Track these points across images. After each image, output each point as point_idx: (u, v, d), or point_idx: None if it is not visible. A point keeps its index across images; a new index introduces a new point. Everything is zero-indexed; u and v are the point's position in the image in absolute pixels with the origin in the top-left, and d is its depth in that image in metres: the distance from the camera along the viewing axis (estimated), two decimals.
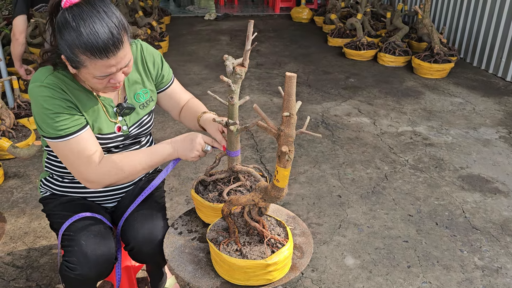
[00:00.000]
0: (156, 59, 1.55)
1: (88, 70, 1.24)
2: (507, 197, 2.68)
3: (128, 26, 1.28)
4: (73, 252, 1.36)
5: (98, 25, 1.18)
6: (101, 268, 1.38)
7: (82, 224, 1.43)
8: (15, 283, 2.01)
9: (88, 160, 1.34)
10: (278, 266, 1.22)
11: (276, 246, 1.26)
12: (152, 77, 1.54)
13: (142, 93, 1.52)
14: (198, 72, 4.91)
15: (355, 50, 5.28)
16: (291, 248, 1.26)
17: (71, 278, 1.36)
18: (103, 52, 1.19)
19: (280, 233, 1.32)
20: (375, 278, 2.06)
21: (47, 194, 1.60)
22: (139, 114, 1.52)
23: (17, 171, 2.93)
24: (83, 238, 1.38)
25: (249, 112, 3.82)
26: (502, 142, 3.36)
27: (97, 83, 1.29)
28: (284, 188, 1.13)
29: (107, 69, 1.24)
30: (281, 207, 1.60)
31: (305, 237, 1.45)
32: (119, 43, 1.21)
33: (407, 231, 2.38)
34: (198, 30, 6.84)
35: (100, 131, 1.42)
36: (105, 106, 1.44)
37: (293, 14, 7.54)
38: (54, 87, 1.31)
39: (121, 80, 1.32)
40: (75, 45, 1.19)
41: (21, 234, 2.33)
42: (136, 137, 1.55)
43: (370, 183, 2.81)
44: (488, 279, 2.06)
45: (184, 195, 2.67)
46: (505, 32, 4.63)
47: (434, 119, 3.74)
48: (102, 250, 1.38)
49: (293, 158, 1.08)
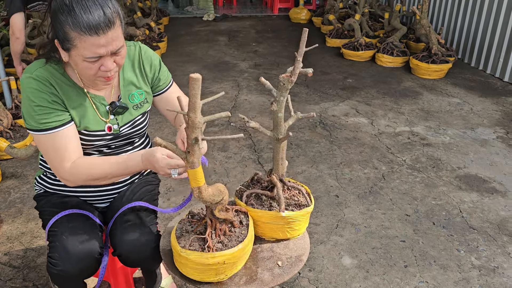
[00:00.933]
0: (154, 62, 1.55)
1: (78, 50, 1.25)
2: (504, 197, 2.68)
3: (122, 15, 1.31)
4: (55, 248, 1.37)
5: (90, 3, 1.23)
6: (84, 264, 1.37)
7: (67, 221, 1.43)
8: (12, 283, 2.00)
9: (64, 158, 1.35)
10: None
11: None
12: (149, 79, 1.54)
13: (137, 94, 1.51)
14: (196, 72, 4.90)
15: (353, 51, 5.28)
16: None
17: (55, 274, 1.37)
18: (92, 29, 1.21)
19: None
20: (372, 278, 2.06)
21: (41, 191, 1.61)
22: (132, 115, 1.51)
23: (14, 172, 2.93)
24: (66, 233, 1.39)
25: (247, 112, 3.83)
26: (500, 142, 3.36)
27: (88, 69, 1.29)
28: (201, 187, 1.13)
29: (97, 49, 1.24)
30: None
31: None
32: (110, 23, 1.23)
33: (404, 231, 2.38)
34: (197, 31, 6.85)
35: (87, 128, 1.41)
36: (95, 104, 1.43)
37: (291, 15, 7.55)
38: (41, 80, 1.32)
39: (112, 69, 1.31)
40: (67, 23, 1.22)
41: (18, 234, 2.33)
42: (129, 137, 1.54)
43: (368, 183, 2.81)
44: (485, 279, 2.06)
45: (181, 195, 2.67)
46: (502, 32, 4.64)
47: (432, 119, 3.75)
48: (84, 245, 1.37)
49: (199, 159, 1.09)
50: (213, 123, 3.64)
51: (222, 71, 4.96)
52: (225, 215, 1.27)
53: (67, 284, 1.42)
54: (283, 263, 1.34)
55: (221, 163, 3.04)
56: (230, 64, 5.23)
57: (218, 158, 3.11)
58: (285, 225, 1.38)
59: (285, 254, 1.38)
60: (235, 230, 1.30)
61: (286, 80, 1.24)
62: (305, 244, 1.43)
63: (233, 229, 1.30)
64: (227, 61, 5.33)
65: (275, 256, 1.37)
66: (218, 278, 1.25)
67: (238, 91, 4.37)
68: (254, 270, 1.31)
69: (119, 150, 1.54)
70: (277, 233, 1.41)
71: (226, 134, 3.46)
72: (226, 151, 3.21)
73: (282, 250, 1.40)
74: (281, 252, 1.39)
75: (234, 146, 3.28)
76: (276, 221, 1.37)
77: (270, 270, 1.31)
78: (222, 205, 1.25)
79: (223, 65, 5.19)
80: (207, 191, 1.17)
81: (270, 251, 1.39)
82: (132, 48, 1.51)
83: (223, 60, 5.39)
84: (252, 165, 3.02)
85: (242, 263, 1.30)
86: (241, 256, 1.26)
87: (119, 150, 1.54)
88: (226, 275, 1.25)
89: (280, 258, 1.36)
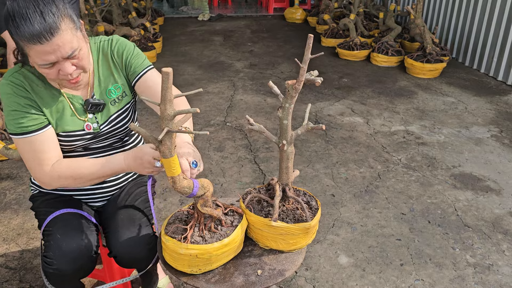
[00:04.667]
0: (125, 49, 1.47)
1: (31, 58, 1.25)
2: (499, 195, 2.70)
3: (73, 17, 1.26)
4: (50, 247, 1.37)
5: (30, 11, 1.19)
6: (79, 262, 1.37)
7: (62, 220, 1.43)
8: (8, 285, 2.00)
9: (41, 162, 1.35)
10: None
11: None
12: (121, 67, 1.48)
13: (113, 88, 1.48)
14: (192, 72, 4.91)
15: (348, 50, 5.30)
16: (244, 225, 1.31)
17: (50, 274, 1.36)
18: (34, 37, 1.19)
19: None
20: (368, 276, 2.07)
21: (36, 192, 1.61)
22: (110, 111, 1.48)
23: (10, 173, 2.92)
24: (60, 232, 1.38)
25: (243, 112, 3.83)
26: (494, 140, 3.39)
27: (47, 74, 1.28)
28: (174, 178, 1.16)
29: (45, 56, 1.22)
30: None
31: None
32: (52, 29, 1.19)
33: (400, 230, 2.39)
34: (192, 31, 6.84)
35: (65, 129, 1.41)
36: (73, 104, 1.42)
37: (286, 15, 7.56)
38: (15, 85, 1.33)
39: (71, 72, 1.27)
40: (13, 32, 1.21)
41: (14, 235, 2.32)
42: (112, 136, 1.51)
43: (364, 182, 2.83)
44: (480, 276, 2.08)
45: (178, 195, 2.67)
46: (496, 32, 4.67)
47: (427, 119, 3.77)
48: (77, 243, 1.37)
49: (171, 150, 1.12)
50: (209, 123, 3.65)
51: (218, 71, 4.96)
52: (210, 211, 1.27)
53: (63, 283, 1.42)
54: (263, 273, 1.28)
55: (217, 163, 3.04)
56: (226, 64, 5.23)
57: (214, 158, 3.11)
58: (278, 235, 1.32)
59: (270, 265, 1.32)
60: (221, 229, 1.30)
61: (291, 87, 1.24)
62: (295, 261, 1.34)
63: (219, 227, 1.30)
64: (222, 61, 5.33)
65: (259, 264, 1.32)
66: (191, 270, 1.26)
67: (233, 91, 4.37)
68: (231, 272, 1.29)
69: (107, 148, 1.52)
70: (270, 242, 1.35)
71: (222, 134, 3.47)
72: (222, 151, 3.21)
73: (270, 260, 1.34)
74: (268, 261, 1.33)
75: (230, 146, 3.29)
76: (267, 229, 1.33)
77: (246, 276, 1.27)
78: (203, 200, 1.26)
79: (219, 65, 5.19)
80: (181, 182, 1.18)
81: (257, 258, 1.35)
82: (106, 43, 1.48)
83: (218, 60, 5.39)
84: (248, 165, 3.02)
85: (220, 261, 1.28)
86: (218, 254, 1.25)
87: (107, 148, 1.52)
88: (199, 269, 1.26)
89: (263, 268, 1.31)
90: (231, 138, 3.41)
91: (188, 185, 1.20)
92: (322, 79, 1.19)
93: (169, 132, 1.08)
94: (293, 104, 1.25)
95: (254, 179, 2.86)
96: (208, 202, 1.27)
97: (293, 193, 1.39)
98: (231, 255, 1.30)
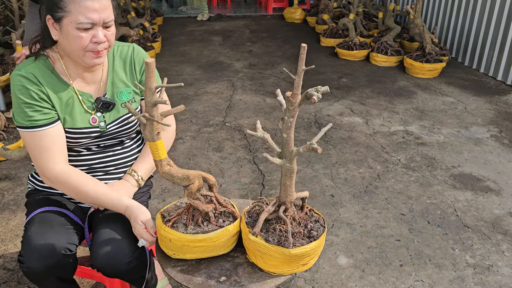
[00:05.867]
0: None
1: (71, 16, 1.27)
2: (498, 195, 2.70)
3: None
4: (22, 245, 1.36)
5: None
6: (48, 261, 1.32)
7: (39, 218, 1.41)
8: (6, 286, 1.99)
9: (48, 157, 1.36)
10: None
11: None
12: (136, 78, 1.54)
13: (125, 92, 1.51)
14: (191, 72, 4.90)
15: (348, 50, 5.29)
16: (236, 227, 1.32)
17: (24, 272, 1.35)
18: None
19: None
20: (367, 277, 2.07)
21: (32, 189, 1.61)
22: (119, 112, 1.50)
23: (8, 173, 2.91)
24: (32, 229, 1.37)
25: (242, 112, 3.83)
26: (493, 141, 3.38)
27: (79, 39, 1.30)
28: (161, 161, 1.20)
29: (90, 14, 1.28)
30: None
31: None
32: None
33: (399, 230, 2.39)
34: (191, 31, 6.83)
35: (74, 124, 1.42)
36: (83, 101, 1.44)
37: (285, 15, 7.55)
38: (29, 77, 1.34)
39: (103, 42, 1.33)
40: None
41: (12, 236, 2.31)
42: (117, 136, 1.53)
43: (363, 183, 2.82)
44: (480, 277, 2.07)
45: (177, 196, 2.66)
46: (495, 32, 4.67)
47: (426, 119, 3.76)
48: (46, 240, 1.33)
49: (155, 135, 1.17)
50: (208, 123, 3.64)
51: (217, 71, 4.96)
52: (196, 204, 1.28)
53: (38, 281, 1.40)
54: (225, 281, 1.23)
55: (216, 164, 3.04)
56: (225, 64, 5.22)
57: (213, 158, 3.11)
58: (257, 251, 1.25)
59: (238, 277, 1.25)
60: (207, 225, 1.30)
61: (286, 101, 1.23)
62: (267, 283, 1.24)
63: (205, 223, 1.30)
64: (221, 61, 5.32)
65: (230, 272, 1.27)
66: (167, 252, 1.32)
67: (233, 91, 4.37)
68: (199, 268, 1.28)
69: (108, 150, 1.53)
70: (251, 255, 1.30)
71: (221, 134, 3.46)
72: (221, 151, 3.20)
73: (244, 272, 1.27)
74: (240, 273, 1.27)
75: (229, 146, 3.28)
76: (248, 241, 1.27)
77: (208, 278, 1.24)
78: (188, 191, 1.27)
79: (218, 65, 5.19)
80: (163, 167, 1.22)
81: (234, 266, 1.30)
82: (126, 48, 1.52)
83: (217, 60, 5.38)
84: (247, 165, 3.02)
85: (193, 254, 1.29)
86: (190, 246, 1.26)
87: (107, 149, 1.53)
88: (174, 253, 1.30)
89: (230, 277, 1.25)
90: (230, 138, 3.41)
91: (174, 173, 1.24)
92: (321, 97, 1.15)
93: (149, 119, 1.14)
94: (293, 118, 1.18)
95: (253, 179, 2.85)
96: (193, 194, 1.28)
97: (292, 213, 1.29)
98: (208, 252, 1.30)
